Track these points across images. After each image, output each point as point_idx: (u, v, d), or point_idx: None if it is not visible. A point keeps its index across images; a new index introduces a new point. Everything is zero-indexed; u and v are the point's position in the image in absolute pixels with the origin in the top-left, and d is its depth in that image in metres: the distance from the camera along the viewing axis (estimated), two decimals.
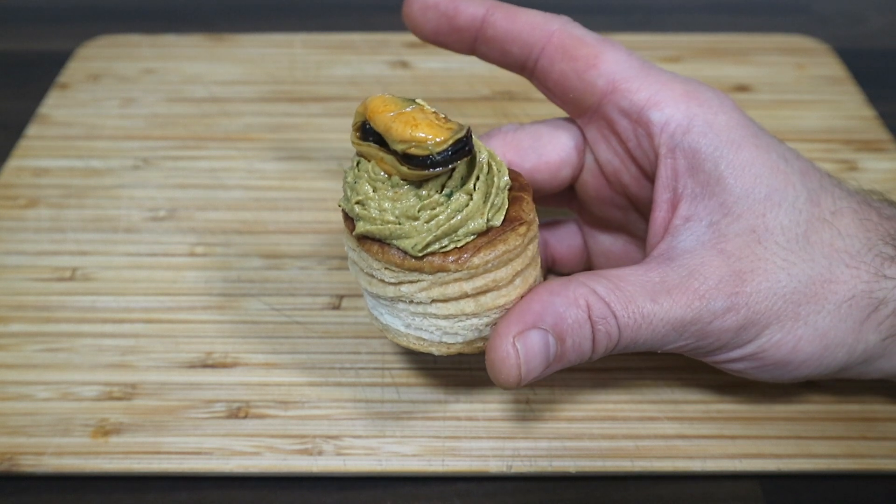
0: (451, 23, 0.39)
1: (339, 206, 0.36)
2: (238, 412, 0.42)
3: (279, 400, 0.43)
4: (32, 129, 0.59)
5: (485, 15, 0.39)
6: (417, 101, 0.35)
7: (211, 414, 0.42)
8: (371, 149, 0.35)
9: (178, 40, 0.68)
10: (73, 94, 0.62)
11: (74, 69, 0.64)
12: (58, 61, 0.66)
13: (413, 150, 0.33)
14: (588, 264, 0.47)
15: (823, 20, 0.74)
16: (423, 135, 0.33)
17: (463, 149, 0.33)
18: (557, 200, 0.45)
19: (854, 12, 0.75)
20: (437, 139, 0.32)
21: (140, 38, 0.68)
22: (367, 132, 0.35)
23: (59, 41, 0.70)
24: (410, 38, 0.67)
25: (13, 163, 0.56)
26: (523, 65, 0.39)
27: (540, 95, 0.58)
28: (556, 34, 0.38)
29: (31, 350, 0.45)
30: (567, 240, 0.46)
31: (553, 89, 0.39)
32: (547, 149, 0.40)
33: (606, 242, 0.45)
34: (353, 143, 0.36)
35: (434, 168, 0.33)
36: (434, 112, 0.34)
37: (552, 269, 0.47)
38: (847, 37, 0.71)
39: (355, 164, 0.36)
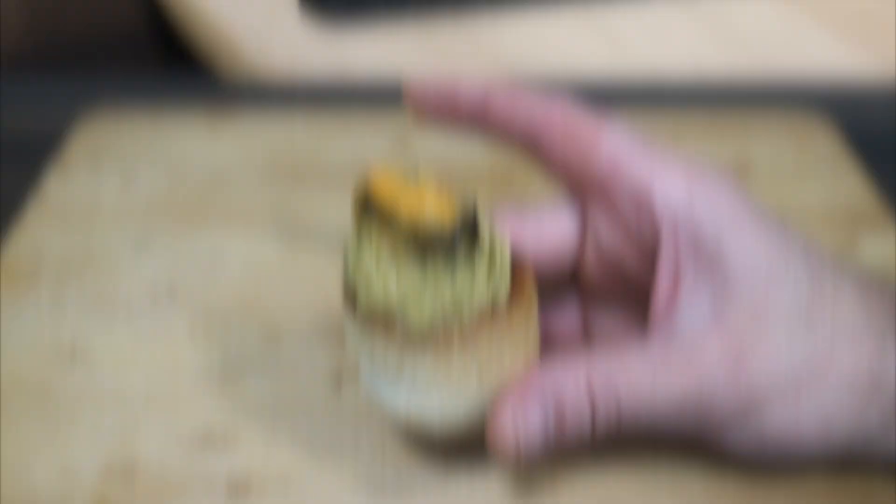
0: (451, 109, 0.40)
1: (342, 280, 0.36)
2: (238, 490, 0.42)
3: (279, 478, 0.42)
4: (31, 208, 0.59)
5: (485, 99, 0.39)
6: (422, 173, 0.35)
7: (212, 492, 0.41)
8: (373, 224, 0.35)
9: (178, 118, 0.68)
10: (72, 172, 0.62)
11: (74, 147, 0.65)
12: (57, 139, 0.66)
13: (417, 229, 0.33)
14: (587, 337, 0.47)
15: (824, 97, 0.74)
16: (427, 212, 0.33)
17: (469, 227, 0.33)
18: (556, 282, 0.45)
19: (855, 89, 0.76)
20: (443, 216, 0.33)
21: (140, 115, 0.69)
22: (369, 207, 0.35)
23: (57, 120, 0.70)
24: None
25: (12, 241, 0.56)
26: (524, 146, 0.40)
27: (542, 175, 0.58)
28: (557, 116, 0.39)
29: (28, 429, 0.44)
30: (566, 313, 0.46)
31: (555, 171, 0.40)
32: (547, 234, 0.41)
33: (606, 316, 0.45)
34: (354, 217, 0.36)
35: (438, 247, 0.33)
36: (439, 186, 0.34)
37: (550, 342, 0.47)
38: (848, 114, 0.72)
39: (357, 239, 0.36)
